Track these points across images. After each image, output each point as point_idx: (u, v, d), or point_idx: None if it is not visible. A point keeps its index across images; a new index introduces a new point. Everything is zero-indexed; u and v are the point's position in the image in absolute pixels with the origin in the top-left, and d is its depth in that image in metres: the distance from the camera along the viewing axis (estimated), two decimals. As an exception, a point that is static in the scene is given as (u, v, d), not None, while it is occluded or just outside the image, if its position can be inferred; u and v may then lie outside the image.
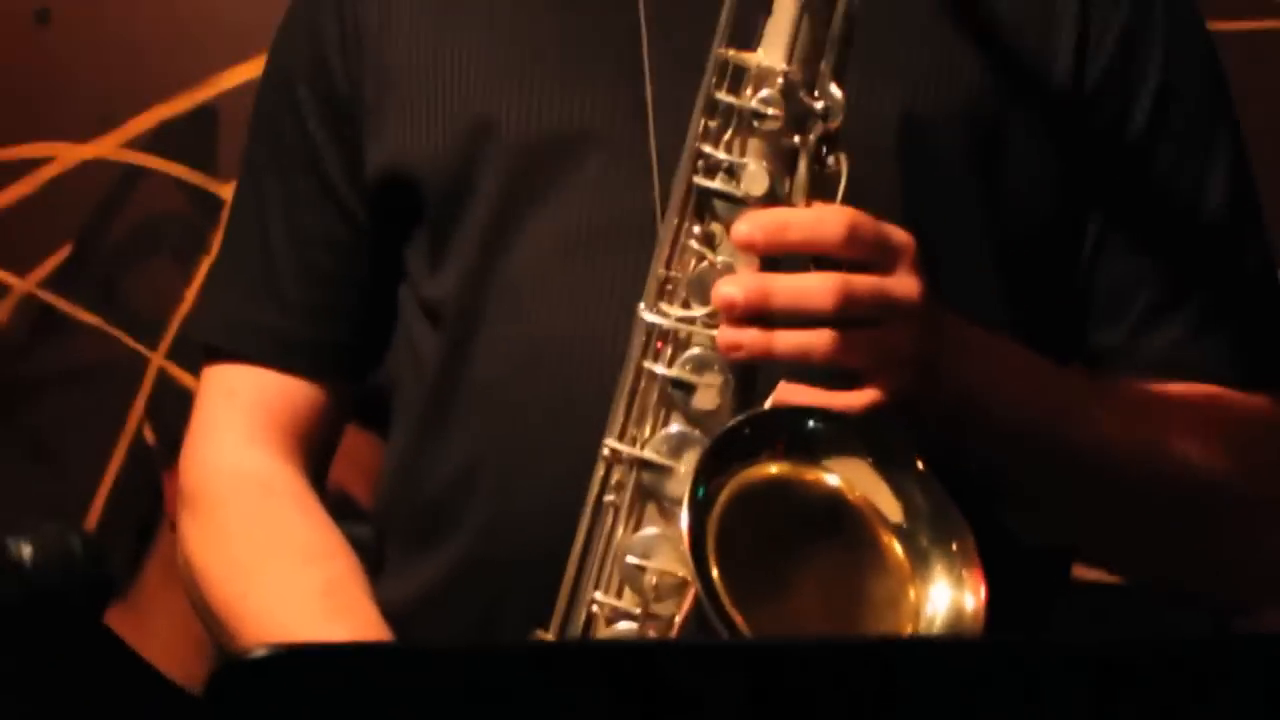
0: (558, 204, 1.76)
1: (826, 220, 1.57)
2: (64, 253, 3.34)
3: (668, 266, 1.61)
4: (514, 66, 1.77)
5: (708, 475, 1.52)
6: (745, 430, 1.54)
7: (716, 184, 1.59)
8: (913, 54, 1.75)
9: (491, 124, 1.76)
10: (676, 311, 1.60)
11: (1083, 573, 1.92)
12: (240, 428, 1.86)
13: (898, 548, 1.55)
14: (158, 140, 3.34)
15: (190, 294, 3.33)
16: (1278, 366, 1.80)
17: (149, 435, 3.33)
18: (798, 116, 1.59)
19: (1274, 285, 1.82)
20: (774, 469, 1.55)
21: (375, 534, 1.87)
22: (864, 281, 1.56)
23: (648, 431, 1.60)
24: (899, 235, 1.59)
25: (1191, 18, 1.82)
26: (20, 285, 3.34)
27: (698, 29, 1.66)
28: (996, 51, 1.75)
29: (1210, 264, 1.79)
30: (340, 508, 1.93)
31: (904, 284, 1.58)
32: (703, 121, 1.61)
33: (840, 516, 1.56)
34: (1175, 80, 1.78)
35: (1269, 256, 1.82)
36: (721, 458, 1.53)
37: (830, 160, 1.59)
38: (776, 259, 1.59)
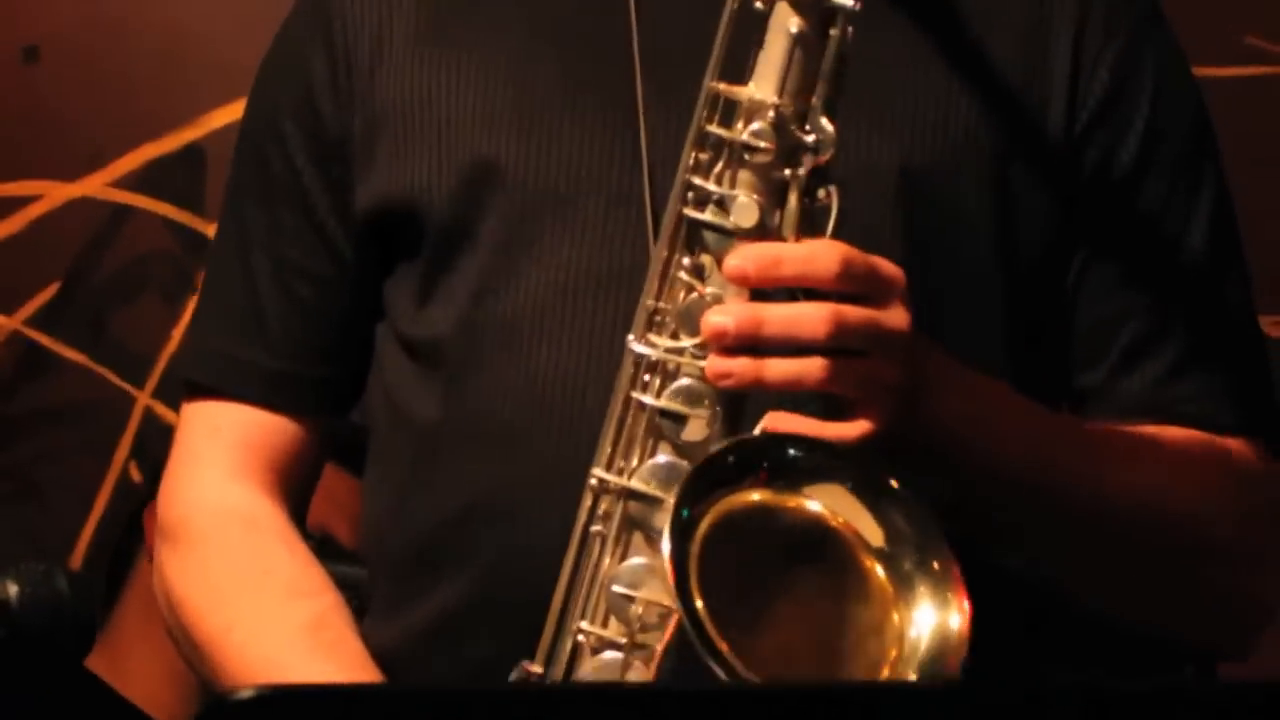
0: (557, 246, 1.76)
1: (819, 255, 1.57)
2: (51, 290, 3.33)
3: (657, 298, 1.62)
4: (512, 107, 1.78)
5: (690, 501, 1.53)
6: (728, 457, 1.55)
7: (707, 216, 1.60)
8: (909, 105, 1.76)
9: (493, 167, 1.77)
10: (665, 342, 1.61)
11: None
12: (222, 463, 1.85)
13: (881, 572, 1.55)
14: (146, 179, 3.34)
15: (178, 333, 3.32)
16: (1256, 411, 1.80)
17: (135, 474, 3.30)
18: (789, 149, 1.59)
19: (1254, 328, 1.83)
20: (756, 496, 1.55)
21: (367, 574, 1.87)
22: (856, 312, 1.56)
23: (635, 462, 1.60)
24: (889, 269, 1.59)
25: (1178, 63, 1.83)
26: (7, 323, 3.34)
27: (692, 69, 1.67)
28: (991, 98, 1.76)
29: (1191, 305, 1.80)
30: (323, 548, 1.92)
31: (894, 317, 1.59)
32: (693, 154, 1.61)
33: (823, 542, 1.56)
34: (1162, 123, 1.79)
35: (1250, 299, 1.83)
36: (704, 483, 1.54)
37: (821, 194, 1.60)
38: (765, 291, 1.59)
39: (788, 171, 1.60)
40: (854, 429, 1.57)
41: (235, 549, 1.83)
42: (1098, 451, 1.74)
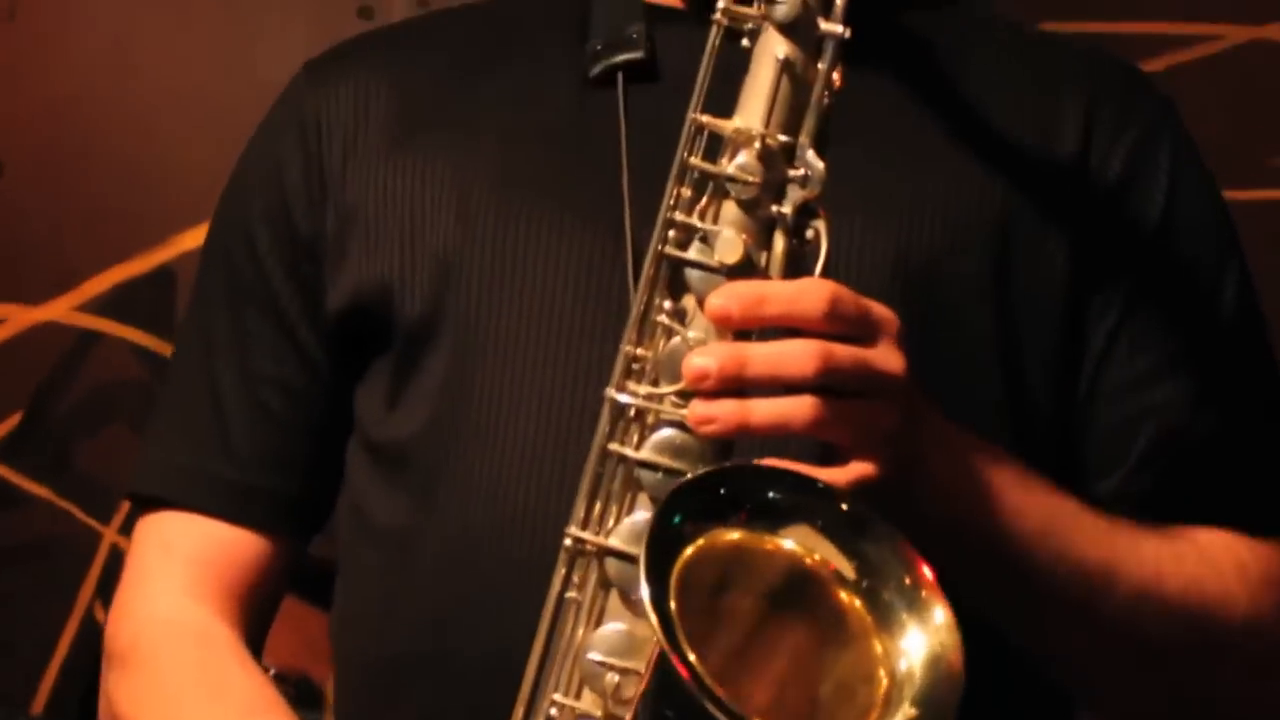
0: (528, 345, 1.74)
1: (807, 293, 1.52)
2: (14, 420, 3.32)
3: (636, 344, 1.57)
4: (483, 203, 1.76)
5: (660, 540, 1.48)
6: (696, 491, 1.50)
7: (690, 254, 1.55)
8: (909, 194, 1.73)
9: (462, 260, 1.76)
10: (645, 389, 1.56)
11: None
12: (176, 580, 1.80)
13: (859, 602, 1.50)
14: (114, 303, 3.34)
15: None
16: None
17: (100, 614, 3.23)
18: (775, 183, 1.55)
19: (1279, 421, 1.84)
20: (731, 536, 1.49)
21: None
22: (848, 350, 1.52)
23: (612, 520, 1.55)
24: (881, 310, 1.55)
25: (1193, 159, 1.80)
26: None
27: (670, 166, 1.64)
28: (995, 191, 1.74)
29: (1214, 412, 1.76)
30: (302, 693, 1.98)
31: (888, 358, 1.54)
32: (675, 190, 1.57)
33: (801, 583, 1.51)
34: (1179, 217, 1.77)
35: (1277, 391, 1.82)
36: (675, 521, 1.49)
37: (809, 232, 1.55)
38: (748, 333, 1.56)
39: (774, 208, 1.55)
40: (847, 475, 1.52)
41: (187, 665, 1.78)
42: (1110, 536, 1.70)
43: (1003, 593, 1.65)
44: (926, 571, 1.49)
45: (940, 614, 1.48)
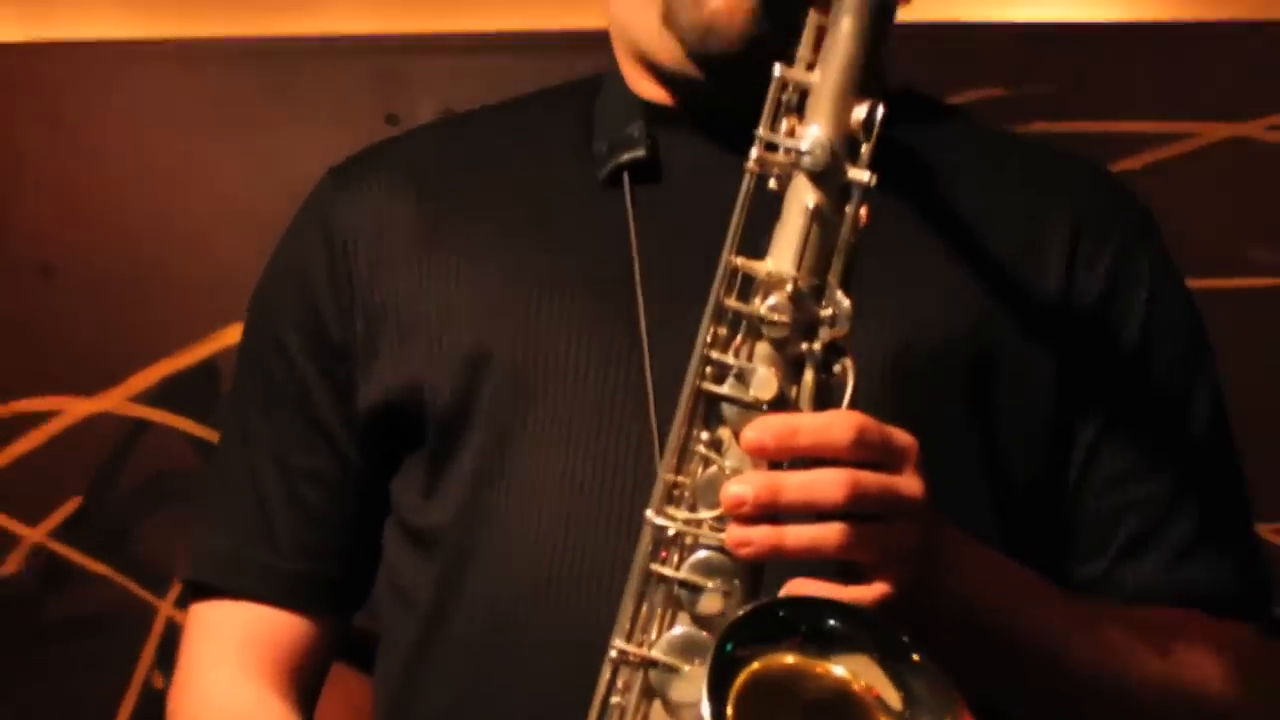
0: (555, 434, 1.78)
1: (835, 425, 1.57)
2: (74, 504, 3.37)
3: (675, 472, 1.61)
4: (508, 299, 1.80)
5: (723, 662, 1.53)
6: (775, 613, 1.56)
7: (725, 389, 1.60)
8: (907, 297, 1.77)
9: (489, 356, 1.79)
10: (684, 515, 1.60)
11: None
12: (230, 664, 1.87)
13: None
14: (163, 394, 3.38)
15: None
16: (1255, 596, 1.82)
17: (158, 682, 3.33)
18: (805, 323, 1.60)
19: (1247, 522, 1.86)
20: (790, 659, 1.55)
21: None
22: (873, 478, 1.57)
23: (654, 634, 1.61)
24: (903, 438, 1.60)
25: (1170, 270, 1.86)
26: (31, 535, 3.36)
27: (683, 257, 1.72)
28: (986, 295, 1.79)
29: (1188, 504, 1.81)
30: None
31: (910, 483, 1.59)
32: (711, 328, 1.62)
33: (848, 704, 1.55)
34: (1157, 325, 1.82)
35: (1244, 499, 1.86)
36: (736, 646, 1.54)
37: (836, 368, 1.61)
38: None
39: (804, 345, 1.60)
40: (871, 592, 1.58)
41: None
42: (1113, 631, 1.75)
43: (1000, 674, 1.69)
44: (966, 716, 1.53)
45: None
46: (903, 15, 1.71)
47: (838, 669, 1.54)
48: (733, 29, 1.73)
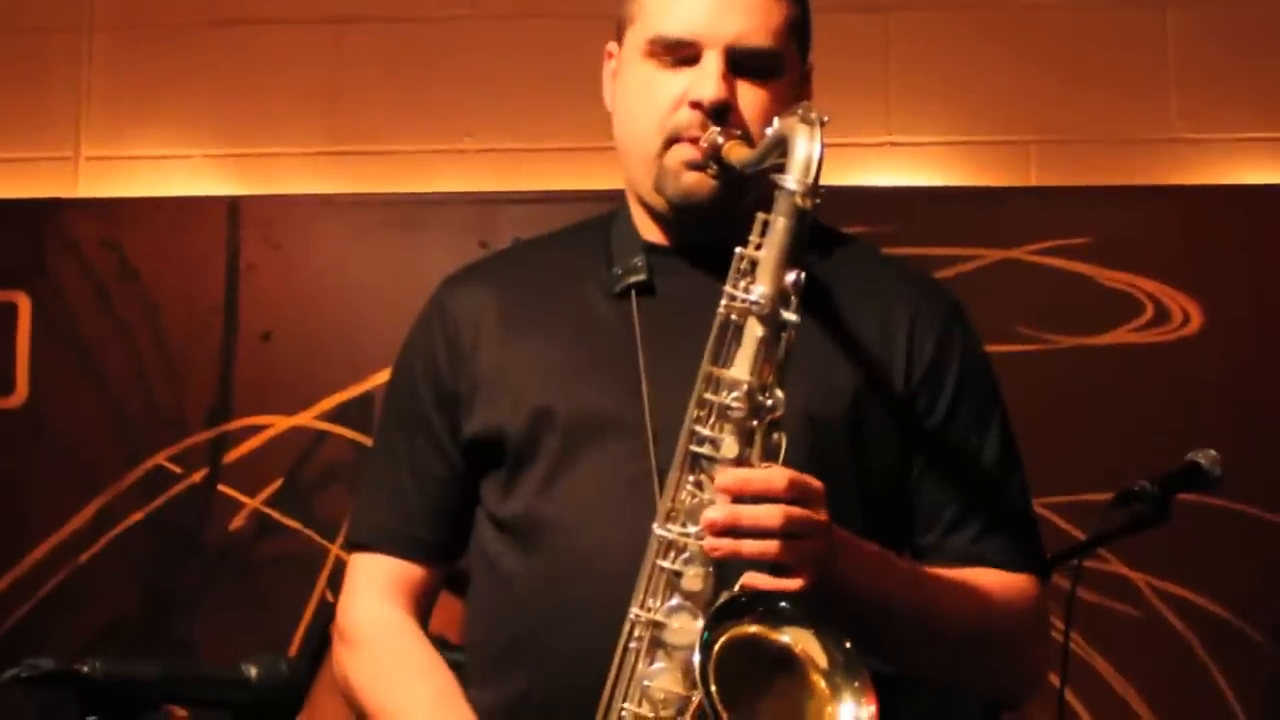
0: (589, 463, 1.92)
1: (775, 477, 1.73)
2: (278, 483, 3.99)
3: (673, 501, 1.78)
4: (560, 372, 1.95)
5: (712, 626, 1.67)
6: (740, 599, 1.71)
7: (705, 450, 1.78)
8: (808, 371, 1.90)
9: (549, 412, 1.94)
10: (677, 529, 1.78)
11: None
12: (376, 593, 2.04)
13: (823, 683, 1.71)
14: (338, 414, 3.96)
15: None
16: (1032, 557, 2.01)
17: (329, 596, 3.88)
18: (755, 409, 1.76)
19: (1029, 506, 2.03)
20: (752, 629, 1.71)
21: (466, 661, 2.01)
22: (799, 511, 1.72)
23: (658, 603, 1.78)
24: (817, 485, 1.77)
25: (975, 341, 2.03)
26: (250, 503, 3.97)
27: (670, 351, 1.87)
28: (860, 366, 1.97)
29: (987, 494, 2.00)
30: (440, 644, 2.08)
31: (820, 513, 1.76)
32: (695, 411, 1.78)
33: (789, 660, 1.71)
34: (966, 378, 1.99)
35: (1026, 487, 2.04)
36: (720, 619, 1.68)
37: (774, 436, 1.77)
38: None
39: (754, 422, 1.77)
40: (794, 583, 1.72)
41: (385, 647, 1.99)
42: (940, 588, 1.92)
43: (877, 630, 1.84)
44: (866, 673, 1.69)
45: (865, 696, 1.68)
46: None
47: (784, 637, 1.69)
48: (700, 195, 1.94)
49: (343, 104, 4.10)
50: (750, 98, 1.91)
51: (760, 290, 1.76)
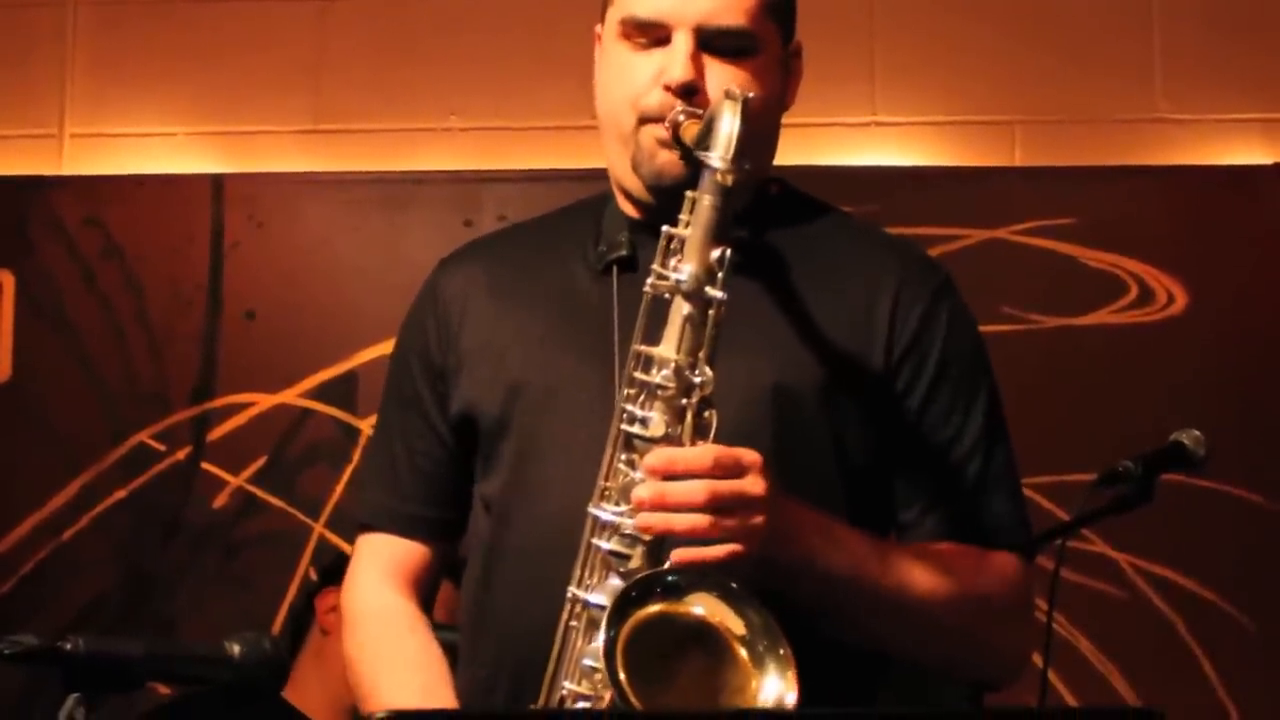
0: (557, 439, 1.95)
1: (700, 456, 1.76)
2: (261, 460, 3.98)
3: (605, 479, 1.81)
4: (539, 345, 1.98)
5: (615, 622, 1.68)
6: (632, 591, 1.71)
7: (635, 429, 1.79)
8: (781, 341, 1.92)
9: (522, 387, 1.97)
10: (611, 508, 1.80)
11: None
12: (377, 575, 2.05)
13: (743, 652, 1.69)
14: (321, 392, 3.96)
15: (339, 488, 3.89)
16: (1015, 533, 1.99)
17: (312, 574, 3.86)
18: (685, 387, 1.78)
19: (1014, 483, 2.01)
20: (659, 607, 1.72)
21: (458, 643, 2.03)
22: (725, 485, 1.74)
23: (596, 581, 1.80)
24: (749, 455, 1.77)
25: (963, 313, 2.00)
26: (234, 480, 3.97)
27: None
28: (837, 339, 1.95)
29: (971, 471, 1.98)
30: (437, 626, 2.08)
31: (753, 485, 1.76)
32: (626, 390, 1.81)
33: (705, 633, 1.71)
34: (950, 352, 1.97)
35: (1013, 464, 2.01)
36: (620, 614, 1.69)
37: (706, 414, 1.79)
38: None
39: (684, 400, 1.79)
40: (719, 551, 1.74)
41: (382, 632, 2.02)
42: (911, 564, 1.90)
43: (840, 603, 1.85)
44: (785, 640, 1.67)
45: (788, 666, 1.66)
46: (786, 159, 1.96)
47: (697, 609, 1.70)
48: (671, 175, 1.95)
49: (328, 82, 4.11)
50: (722, 77, 1.92)
51: (688, 269, 1.78)
